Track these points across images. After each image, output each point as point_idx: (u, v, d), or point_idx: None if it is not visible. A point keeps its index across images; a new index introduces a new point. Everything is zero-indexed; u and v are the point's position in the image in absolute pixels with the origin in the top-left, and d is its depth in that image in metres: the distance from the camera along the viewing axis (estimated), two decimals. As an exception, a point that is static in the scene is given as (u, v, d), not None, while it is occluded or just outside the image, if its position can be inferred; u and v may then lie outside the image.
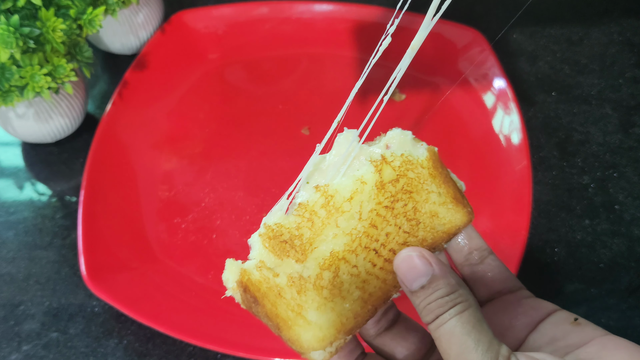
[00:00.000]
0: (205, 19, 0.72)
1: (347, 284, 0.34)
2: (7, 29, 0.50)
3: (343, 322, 0.33)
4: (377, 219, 0.33)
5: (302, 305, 0.34)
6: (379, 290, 0.34)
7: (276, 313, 0.34)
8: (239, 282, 0.36)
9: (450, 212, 0.35)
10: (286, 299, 0.34)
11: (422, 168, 0.35)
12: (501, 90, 0.64)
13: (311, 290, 0.34)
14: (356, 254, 0.34)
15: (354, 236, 0.34)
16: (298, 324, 0.34)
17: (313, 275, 0.34)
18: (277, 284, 0.34)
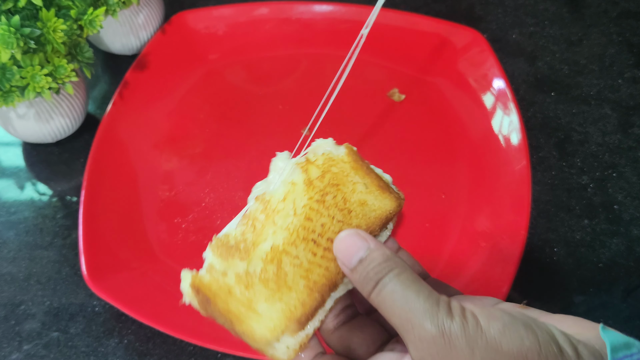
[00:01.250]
0: (206, 19, 0.72)
1: (291, 274, 0.36)
2: (7, 30, 0.50)
3: (292, 311, 0.36)
4: (311, 212, 0.36)
5: (251, 299, 0.37)
6: (323, 278, 0.36)
7: (228, 309, 0.37)
8: (192, 285, 0.38)
9: (378, 199, 0.38)
10: (236, 295, 0.37)
11: (343, 163, 0.39)
12: (500, 90, 0.64)
13: (258, 284, 0.37)
14: (296, 246, 0.36)
15: (291, 230, 0.37)
16: (249, 317, 0.36)
17: (258, 270, 0.37)
18: (227, 282, 0.37)
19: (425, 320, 0.28)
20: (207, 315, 0.38)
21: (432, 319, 0.28)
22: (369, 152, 0.44)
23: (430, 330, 0.28)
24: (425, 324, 0.28)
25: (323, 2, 0.72)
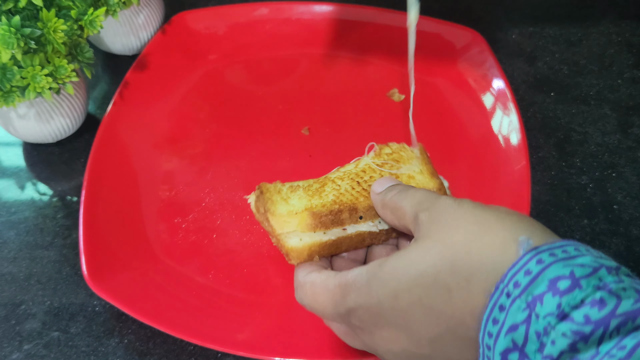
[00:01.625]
0: (206, 19, 0.72)
1: (327, 191, 0.47)
2: (8, 30, 0.50)
3: (313, 205, 0.46)
4: (366, 167, 0.47)
5: (289, 196, 0.48)
6: (348, 200, 0.46)
7: (270, 198, 0.48)
8: (259, 186, 0.50)
9: (425, 179, 0.46)
10: (281, 193, 0.48)
11: (412, 153, 0.48)
12: (500, 90, 0.64)
13: (300, 190, 0.48)
14: (342, 179, 0.47)
15: (346, 173, 0.48)
16: (280, 203, 0.47)
17: (306, 184, 0.48)
18: (280, 186, 0.49)
19: (441, 197, 0.35)
20: (255, 203, 0.49)
21: (446, 195, 0.35)
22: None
23: (444, 199, 0.34)
24: (441, 197, 0.35)
25: (323, 3, 0.72)
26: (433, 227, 0.33)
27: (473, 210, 0.32)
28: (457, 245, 0.31)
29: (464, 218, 0.32)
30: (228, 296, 0.54)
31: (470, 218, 0.32)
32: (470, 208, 0.33)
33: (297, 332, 0.51)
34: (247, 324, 0.51)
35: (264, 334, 0.51)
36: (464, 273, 0.30)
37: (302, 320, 0.52)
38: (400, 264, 0.32)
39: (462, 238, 0.31)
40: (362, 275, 0.34)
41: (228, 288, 0.54)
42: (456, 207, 0.33)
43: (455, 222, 0.32)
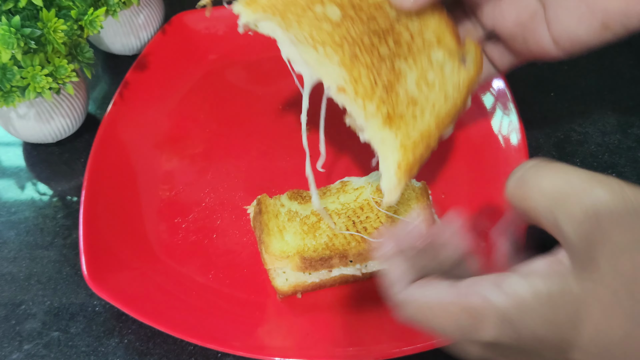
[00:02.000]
0: (206, 20, 0.72)
1: (322, 230, 0.47)
2: (8, 30, 0.50)
3: (304, 248, 0.47)
4: (366, 205, 0.47)
5: (285, 227, 0.49)
6: (340, 245, 0.46)
7: (267, 224, 0.50)
8: (258, 200, 0.53)
9: None
10: (278, 219, 0.50)
11: (412, 192, 0.50)
12: (500, 90, 0.64)
13: (297, 222, 0.49)
14: (339, 215, 0.48)
15: (344, 207, 0.48)
16: (275, 236, 0.49)
17: (303, 215, 0.49)
18: (280, 210, 0.50)
19: (595, 187, 0.24)
20: (253, 220, 0.53)
21: (603, 184, 0.24)
22: (369, 152, 0.45)
23: (603, 194, 0.24)
24: (595, 189, 0.24)
25: (323, 3, 0.72)
26: (594, 252, 0.24)
27: None
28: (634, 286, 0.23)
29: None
30: (228, 296, 0.54)
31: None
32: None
33: (297, 333, 0.51)
34: (247, 324, 0.51)
35: (264, 334, 0.51)
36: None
37: (302, 320, 0.52)
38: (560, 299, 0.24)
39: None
40: (496, 310, 0.26)
41: (228, 288, 0.54)
42: (626, 204, 0.23)
43: (624, 249, 0.23)
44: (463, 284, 0.27)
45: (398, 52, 0.32)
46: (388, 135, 0.31)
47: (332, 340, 0.50)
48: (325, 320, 0.51)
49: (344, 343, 0.50)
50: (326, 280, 0.51)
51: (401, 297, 0.30)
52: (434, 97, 0.32)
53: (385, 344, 0.48)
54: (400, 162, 0.30)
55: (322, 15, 0.32)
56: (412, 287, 0.30)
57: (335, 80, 0.31)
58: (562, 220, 0.25)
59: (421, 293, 0.29)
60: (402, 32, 0.32)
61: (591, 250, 0.23)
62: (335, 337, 0.50)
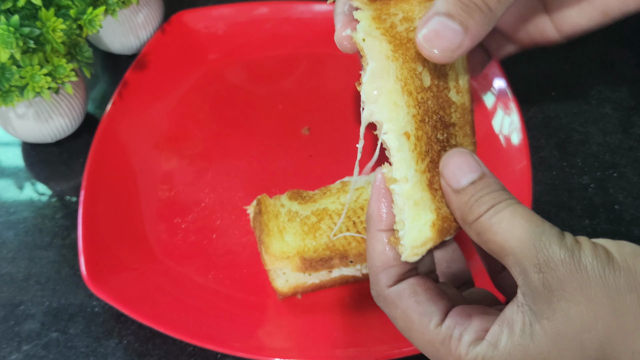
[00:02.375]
0: (205, 19, 0.72)
1: (322, 230, 0.48)
2: (7, 29, 0.50)
3: (304, 249, 0.48)
4: (367, 205, 0.43)
5: (285, 228, 0.50)
6: (340, 246, 0.48)
7: (267, 224, 0.51)
8: (258, 200, 0.53)
9: None
10: (278, 220, 0.51)
11: None
12: (501, 90, 0.64)
13: (297, 223, 0.50)
14: (339, 215, 0.48)
15: (343, 211, 0.50)
16: (275, 236, 0.50)
17: (303, 215, 0.50)
18: (279, 210, 0.51)
19: (553, 243, 0.27)
20: (253, 220, 0.53)
21: (560, 243, 0.27)
22: (369, 151, 0.45)
23: (558, 252, 0.26)
24: (552, 246, 0.27)
25: (323, 2, 0.72)
26: (553, 299, 0.27)
27: (602, 276, 0.26)
28: (598, 341, 0.26)
29: (596, 293, 0.26)
30: (228, 297, 0.53)
31: (599, 289, 0.26)
32: (595, 270, 0.26)
33: (297, 333, 0.51)
34: (247, 325, 0.51)
35: (264, 335, 0.51)
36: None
37: (302, 321, 0.51)
38: (519, 353, 0.28)
39: (601, 330, 0.26)
40: (476, 356, 0.29)
41: (228, 289, 0.54)
42: (576, 269, 0.26)
43: (585, 301, 0.26)
44: (445, 328, 0.30)
45: (445, 146, 0.34)
46: (427, 197, 0.31)
47: (332, 341, 0.50)
48: (326, 321, 0.51)
49: (344, 344, 0.50)
50: (326, 281, 0.51)
51: (380, 288, 0.32)
52: None
53: (385, 345, 0.48)
54: (435, 221, 0.31)
55: (418, 73, 0.33)
56: (398, 291, 0.31)
57: (404, 126, 0.32)
58: (529, 268, 0.27)
59: (403, 301, 0.31)
60: (452, 136, 0.34)
61: (550, 298, 0.27)
62: (336, 338, 0.50)
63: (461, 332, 0.29)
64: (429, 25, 0.30)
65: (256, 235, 0.53)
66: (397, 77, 0.32)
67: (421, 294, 0.31)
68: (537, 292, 0.27)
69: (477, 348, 0.29)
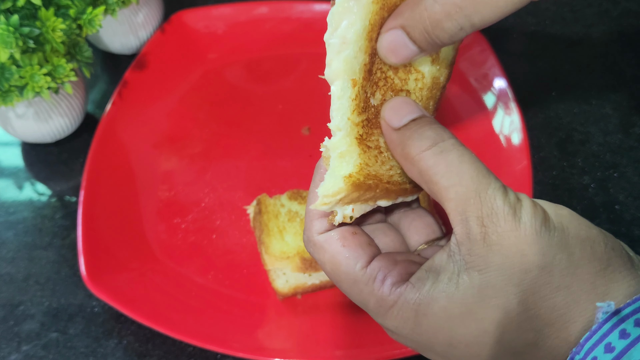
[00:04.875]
0: (205, 18, 0.72)
1: None
2: (6, 29, 0.50)
3: (304, 250, 0.47)
4: None
5: (285, 228, 0.50)
6: None
7: (267, 224, 0.51)
8: (258, 200, 0.54)
9: None
10: (278, 220, 0.51)
11: None
12: (501, 90, 0.64)
13: (297, 223, 0.50)
14: None
15: None
16: (275, 237, 0.50)
17: (303, 216, 0.46)
18: (280, 210, 0.51)
19: (498, 197, 0.27)
20: (252, 220, 0.53)
21: (504, 198, 0.27)
22: None
23: (502, 207, 0.27)
24: (497, 200, 0.27)
25: (323, 2, 0.71)
26: (489, 253, 0.27)
27: (538, 234, 0.27)
28: (523, 294, 0.27)
29: (530, 248, 0.27)
30: (227, 297, 0.53)
31: (533, 246, 0.27)
32: (532, 228, 0.27)
33: (297, 334, 0.51)
34: (247, 325, 0.51)
35: (264, 336, 0.51)
36: (529, 335, 0.27)
37: (302, 321, 0.51)
38: (454, 308, 0.28)
39: (528, 283, 0.27)
40: (407, 307, 0.29)
41: (227, 289, 0.54)
42: (515, 226, 0.27)
43: (518, 256, 0.27)
44: (370, 270, 0.30)
45: None
46: (355, 150, 0.30)
47: (333, 341, 0.50)
48: (326, 322, 0.51)
49: (344, 344, 0.50)
50: (326, 282, 0.50)
51: (312, 234, 0.32)
52: (394, 163, 0.32)
53: (385, 345, 0.48)
54: (353, 175, 0.29)
55: None
56: (326, 237, 0.31)
57: (355, 72, 0.31)
58: (471, 220, 0.27)
59: (331, 248, 0.31)
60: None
61: (486, 251, 0.27)
62: (336, 339, 0.50)
63: (385, 274, 0.30)
64: (388, 37, 0.31)
65: (256, 236, 0.53)
66: (370, 20, 0.31)
67: (349, 239, 0.31)
68: (475, 243, 0.27)
69: (399, 289, 0.29)
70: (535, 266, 0.27)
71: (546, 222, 0.27)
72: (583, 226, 0.28)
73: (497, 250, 0.27)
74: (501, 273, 0.27)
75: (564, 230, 0.28)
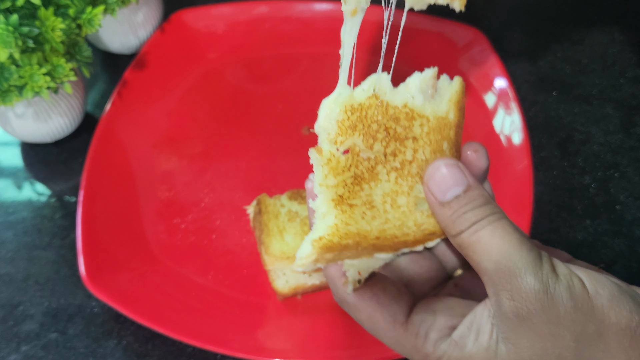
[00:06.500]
0: (205, 18, 0.71)
1: None
2: (6, 29, 0.49)
3: None
4: None
5: (285, 228, 0.50)
6: None
7: (267, 224, 0.51)
8: (258, 200, 0.54)
9: None
10: (279, 219, 0.51)
11: None
12: (502, 90, 0.63)
13: (297, 223, 0.49)
14: None
15: None
16: (275, 237, 0.50)
17: (304, 216, 0.49)
18: (279, 210, 0.51)
19: (528, 272, 0.27)
20: (252, 221, 0.53)
21: (536, 273, 0.27)
22: None
23: (531, 284, 0.26)
24: (527, 276, 0.26)
25: (323, 1, 0.71)
26: (520, 328, 0.27)
27: (572, 317, 0.26)
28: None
29: (562, 332, 0.26)
30: (227, 297, 0.53)
31: (567, 331, 0.26)
32: (567, 311, 0.26)
33: (297, 334, 0.51)
34: (247, 326, 0.51)
35: (264, 336, 0.51)
36: None
37: (302, 322, 0.51)
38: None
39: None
40: (443, 353, 0.29)
41: (227, 289, 0.54)
42: (548, 304, 0.26)
43: (550, 338, 0.26)
44: (411, 326, 0.30)
45: (388, 161, 0.31)
46: (331, 211, 0.30)
47: (333, 342, 0.50)
48: (326, 322, 0.51)
49: (344, 344, 0.50)
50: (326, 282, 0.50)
51: (347, 302, 0.31)
52: (391, 216, 0.31)
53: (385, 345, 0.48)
54: (324, 237, 0.29)
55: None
56: (361, 297, 0.31)
57: (328, 131, 0.31)
58: (501, 294, 0.27)
59: (368, 308, 0.31)
60: (407, 151, 0.31)
61: (517, 326, 0.27)
62: (336, 339, 0.50)
63: (427, 329, 0.29)
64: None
65: (256, 236, 0.53)
66: None
67: (381, 296, 0.31)
68: (506, 316, 0.27)
69: (443, 345, 0.29)
70: (570, 353, 0.26)
71: (583, 303, 0.26)
72: (625, 312, 0.27)
73: (529, 327, 0.26)
74: (533, 352, 0.27)
75: (603, 317, 0.26)
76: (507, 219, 0.29)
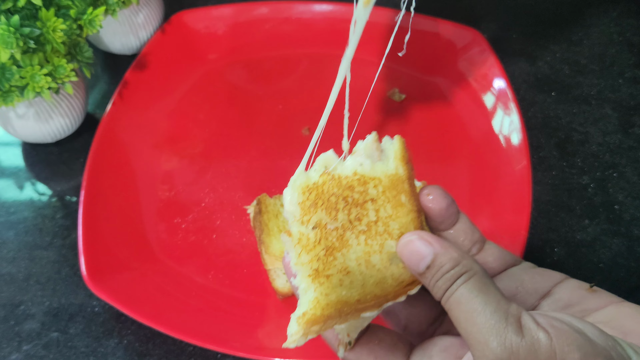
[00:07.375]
0: (206, 19, 0.72)
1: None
2: (7, 29, 0.50)
3: None
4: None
5: (285, 227, 0.50)
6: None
7: (267, 224, 0.51)
8: (258, 200, 0.54)
9: None
10: (279, 220, 0.51)
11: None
12: (501, 90, 0.64)
13: None
14: None
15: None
16: (276, 236, 0.51)
17: None
18: (279, 209, 0.52)
19: (492, 337, 0.27)
20: (253, 220, 0.53)
21: (499, 336, 0.27)
22: None
23: (495, 350, 0.27)
24: (490, 342, 0.27)
25: (323, 2, 0.72)
26: None
27: None
28: None
29: None
30: (228, 297, 0.53)
31: None
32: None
33: (297, 333, 0.51)
34: (247, 325, 0.51)
35: (264, 335, 0.51)
36: None
37: (302, 320, 0.51)
38: None
39: None
40: None
41: (228, 289, 0.54)
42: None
43: None
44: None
45: (354, 226, 0.33)
46: (310, 286, 0.32)
47: (332, 341, 0.50)
48: (326, 321, 0.51)
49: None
50: None
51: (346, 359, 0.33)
52: (368, 277, 0.33)
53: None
54: (307, 312, 0.32)
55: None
56: (360, 356, 0.33)
57: (294, 214, 0.33)
58: (476, 356, 0.28)
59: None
60: (369, 212, 0.33)
61: None
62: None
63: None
64: None
65: (256, 235, 0.53)
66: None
67: (378, 348, 0.32)
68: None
69: None
70: None
71: (551, 352, 0.26)
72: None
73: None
74: None
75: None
76: (475, 277, 0.29)
